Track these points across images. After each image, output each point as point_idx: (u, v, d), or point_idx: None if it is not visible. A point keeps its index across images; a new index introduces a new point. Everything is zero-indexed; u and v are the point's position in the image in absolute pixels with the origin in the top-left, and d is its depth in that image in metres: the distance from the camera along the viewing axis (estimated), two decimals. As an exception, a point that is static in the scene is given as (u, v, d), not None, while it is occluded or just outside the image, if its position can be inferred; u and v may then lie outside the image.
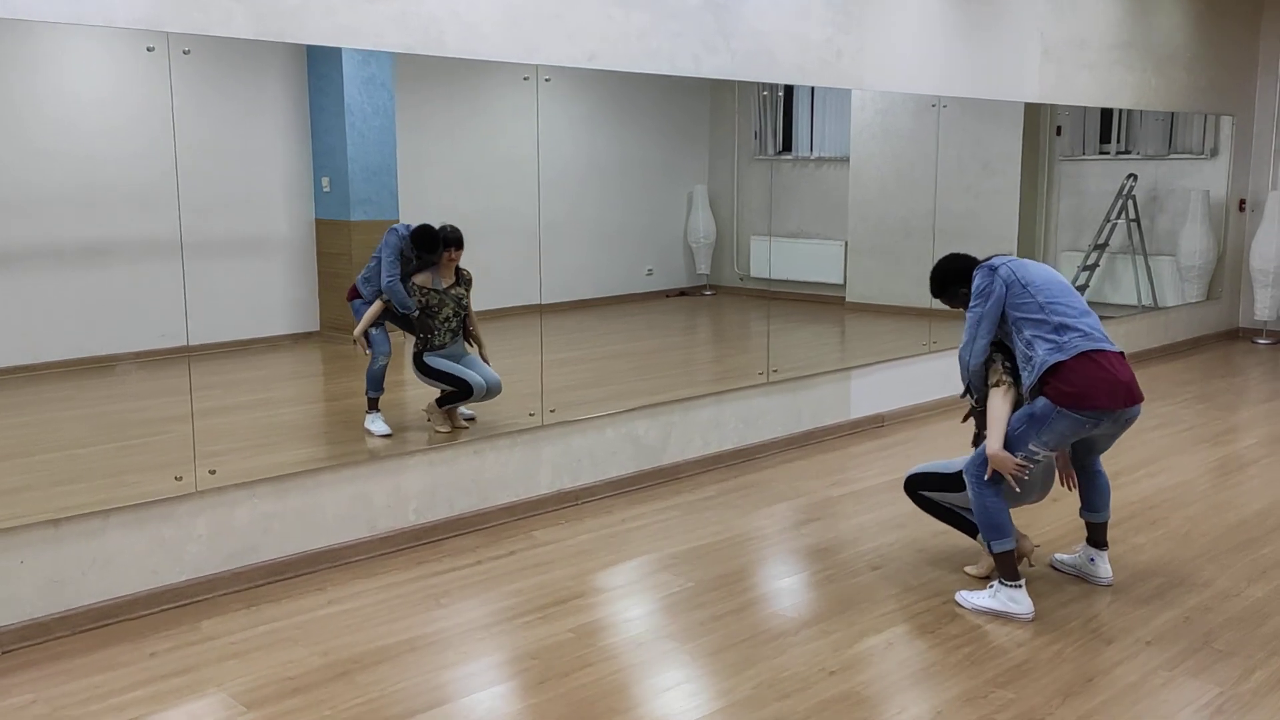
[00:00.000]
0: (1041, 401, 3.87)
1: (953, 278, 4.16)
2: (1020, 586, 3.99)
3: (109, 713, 3.31)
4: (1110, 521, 4.40)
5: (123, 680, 3.51)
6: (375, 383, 5.25)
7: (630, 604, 4.15)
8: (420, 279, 5.24)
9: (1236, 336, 10.31)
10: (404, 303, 5.18)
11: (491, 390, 5.27)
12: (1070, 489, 4.33)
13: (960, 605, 4.06)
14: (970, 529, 4.38)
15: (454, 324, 5.28)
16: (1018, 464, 3.91)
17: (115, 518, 3.98)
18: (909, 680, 3.52)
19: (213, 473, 4.22)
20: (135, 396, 5.38)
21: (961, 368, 4.06)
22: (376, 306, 5.18)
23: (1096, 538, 4.32)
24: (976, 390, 4.09)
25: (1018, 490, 4.01)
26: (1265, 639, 3.79)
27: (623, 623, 3.97)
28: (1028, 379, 3.90)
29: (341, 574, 4.41)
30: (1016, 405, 4.00)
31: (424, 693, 3.42)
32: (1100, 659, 3.64)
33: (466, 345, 5.38)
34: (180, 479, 4.13)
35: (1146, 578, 4.34)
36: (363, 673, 3.55)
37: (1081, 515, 4.34)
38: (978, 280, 4.02)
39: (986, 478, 3.98)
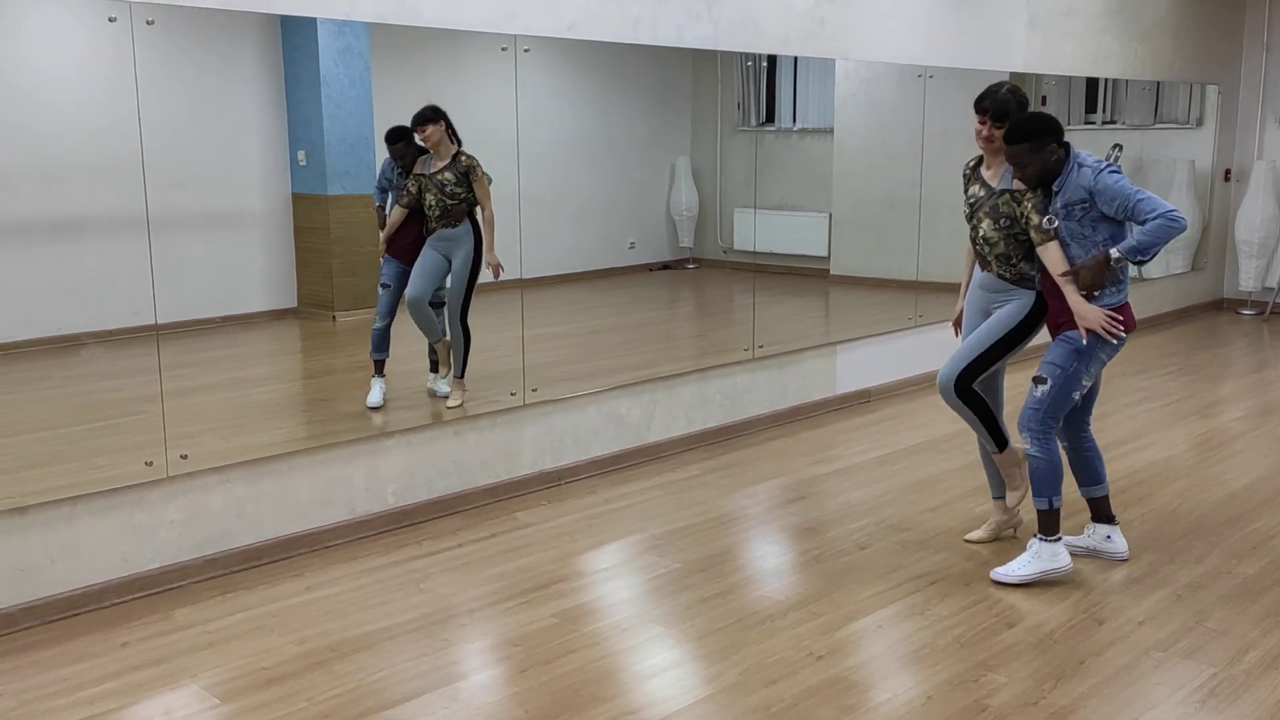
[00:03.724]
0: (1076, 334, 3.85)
1: (1051, 129, 3.75)
2: (1060, 540, 3.99)
3: (79, 706, 3.21)
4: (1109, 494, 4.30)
5: (93, 672, 3.41)
6: (376, 344, 5.24)
7: (614, 587, 4.08)
8: (417, 166, 5.23)
9: (1221, 307, 10.28)
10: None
11: (409, 304, 5.23)
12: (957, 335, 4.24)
13: (1001, 583, 3.98)
14: (999, 441, 4.24)
15: (437, 210, 5.16)
16: (1109, 315, 3.82)
17: (84, 504, 3.87)
18: (898, 664, 3.46)
19: (184, 457, 4.10)
20: (106, 376, 5.26)
21: (1177, 231, 3.65)
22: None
23: (1104, 512, 4.24)
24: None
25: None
26: (1258, 617, 3.74)
27: (607, 607, 3.89)
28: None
29: (318, 559, 4.32)
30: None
31: (404, 682, 3.34)
32: (1092, 640, 3.58)
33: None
34: (150, 464, 4.02)
35: (1137, 555, 4.28)
36: (341, 661, 3.47)
37: (1082, 493, 4.27)
38: (1100, 159, 3.74)
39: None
